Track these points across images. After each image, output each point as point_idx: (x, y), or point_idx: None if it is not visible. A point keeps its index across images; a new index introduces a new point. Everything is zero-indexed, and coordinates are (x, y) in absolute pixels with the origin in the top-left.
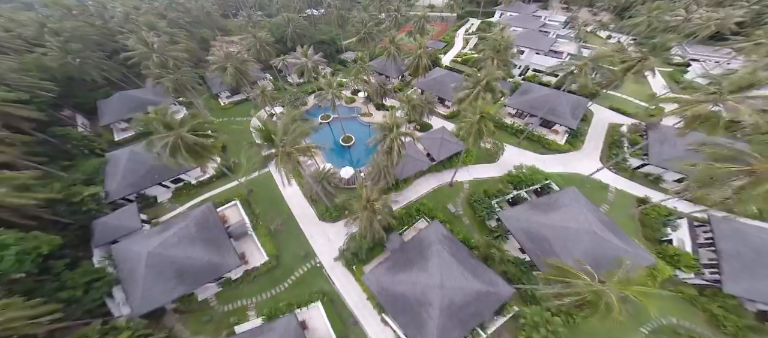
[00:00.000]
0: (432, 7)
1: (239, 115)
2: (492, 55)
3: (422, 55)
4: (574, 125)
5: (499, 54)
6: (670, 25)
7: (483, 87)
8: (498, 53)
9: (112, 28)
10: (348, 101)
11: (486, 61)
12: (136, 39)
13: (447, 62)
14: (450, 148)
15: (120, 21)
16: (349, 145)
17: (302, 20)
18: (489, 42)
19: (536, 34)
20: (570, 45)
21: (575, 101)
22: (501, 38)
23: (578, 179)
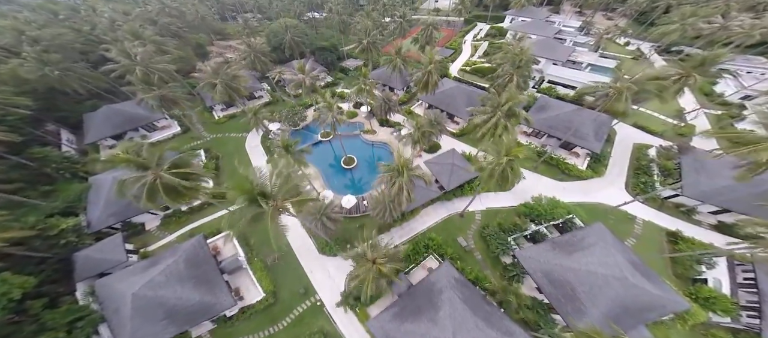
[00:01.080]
0: (437, 11)
1: (235, 129)
2: (512, 72)
3: (432, 72)
4: (597, 148)
5: (520, 70)
6: (703, 33)
7: (503, 113)
8: (518, 69)
9: (99, 36)
10: (349, 116)
11: (504, 77)
12: (118, 50)
13: (455, 72)
14: (461, 175)
15: (105, 28)
16: (350, 167)
17: (303, 25)
18: (508, 56)
19: (552, 42)
20: (589, 54)
21: (599, 120)
22: (520, 50)
23: (602, 210)
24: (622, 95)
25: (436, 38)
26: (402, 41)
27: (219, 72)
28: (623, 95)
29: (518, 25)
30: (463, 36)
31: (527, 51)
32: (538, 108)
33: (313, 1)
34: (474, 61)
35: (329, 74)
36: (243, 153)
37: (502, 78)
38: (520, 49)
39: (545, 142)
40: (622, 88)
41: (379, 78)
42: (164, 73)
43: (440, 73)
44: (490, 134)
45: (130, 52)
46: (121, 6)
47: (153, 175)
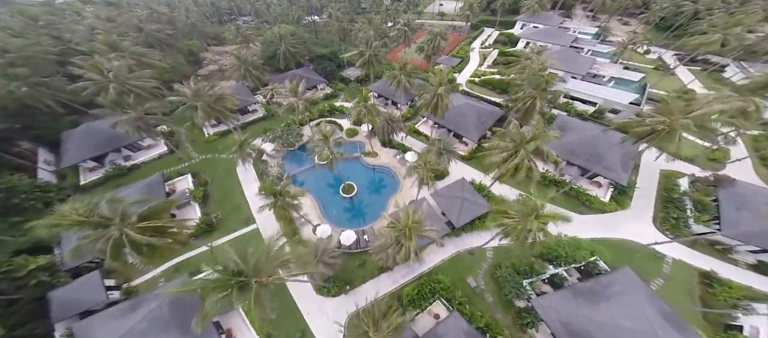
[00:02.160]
0: (442, 16)
1: (226, 148)
2: (534, 95)
3: (443, 96)
4: (624, 180)
5: (544, 93)
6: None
7: (528, 152)
8: (542, 92)
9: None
10: (349, 134)
11: (525, 101)
12: (88, 65)
13: (463, 83)
14: (472, 210)
15: (82, 37)
16: (350, 195)
17: (301, 30)
18: (526, 72)
19: (569, 52)
20: (611, 66)
21: (626, 145)
22: (539, 65)
23: (627, 248)
24: (676, 134)
25: (443, 47)
26: (405, 48)
27: (200, 94)
28: (677, 134)
29: (530, 33)
30: (470, 43)
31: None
32: (555, 129)
33: (312, 5)
34: (483, 72)
35: (328, 85)
36: (234, 177)
37: (523, 101)
38: (542, 65)
39: (564, 170)
40: (675, 124)
41: (381, 90)
42: (143, 90)
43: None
44: (511, 174)
45: (102, 68)
46: (105, 11)
47: (118, 231)
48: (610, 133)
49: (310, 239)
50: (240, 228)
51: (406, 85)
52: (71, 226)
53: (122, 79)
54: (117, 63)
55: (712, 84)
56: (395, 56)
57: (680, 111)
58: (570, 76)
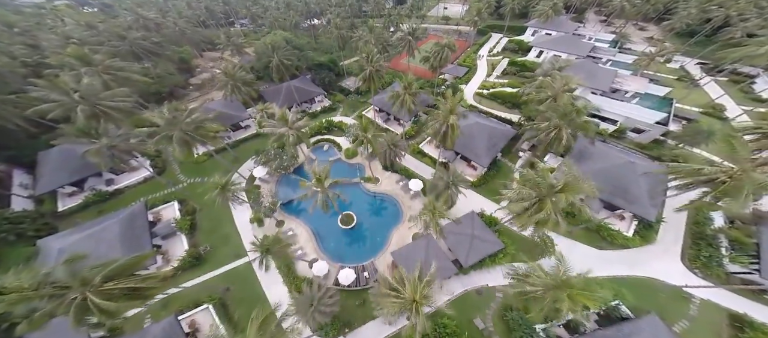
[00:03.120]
0: (446, 20)
1: (217, 170)
2: (559, 125)
3: (454, 126)
4: (653, 216)
5: (572, 122)
6: None
7: (554, 206)
8: (570, 122)
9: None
10: (348, 155)
11: (549, 131)
12: (49, 84)
13: (471, 97)
14: (483, 248)
15: (56, 47)
16: (350, 226)
17: (299, 38)
18: (544, 92)
19: (588, 64)
20: (635, 80)
21: (655, 175)
22: (563, 85)
23: (651, 287)
24: (744, 190)
25: (450, 58)
26: (409, 57)
27: (175, 122)
28: (745, 190)
29: (544, 41)
30: (478, 49)
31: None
32: (575, 155)
33: (311, 10)
34: (492, 83)
35: (327, 96)
36: (224, 204)
37: (546, 132)
38: (566, 85)
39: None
40: (745, 176)
41: (383, 104)
42: (118, 111)
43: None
44: (532, 222)
45: (66, 87)
46: (88, 16)
47: (79, 295)
48: (637, 161)
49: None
50: (231, 262)
51: (411, 107)
52: (16, 304)
53: (93, 100)
54: (87, 80)
55: (745, 99)
56: (398, 63)
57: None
58: (590, 92)
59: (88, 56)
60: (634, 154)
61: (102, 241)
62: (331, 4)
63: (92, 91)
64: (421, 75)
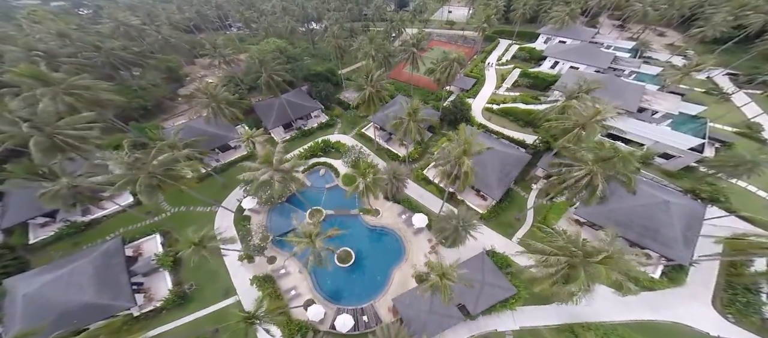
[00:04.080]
0: (451, 24)
1: (202, 201)
2: (593, 170)
3: (469, 173)
4: (687, 259)
5: (609, 168)
6: None
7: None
8: (606, 166)
9: None
10: (346, 182)
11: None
12: None
13: (479, 113)
14: (493, 294)
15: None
16: (347, 264)
17: (294, 46)
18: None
19: (613, 79)
20: (666, 98)
21: (689, 212)
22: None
23: (677, 333)
24: None
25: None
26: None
27: (138, 165)
28: None
29: (559, 51)
30: (486, 58)
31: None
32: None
33: (308, 14)
34: (503, 97)
35: (324, 111)
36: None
37: (577, 178)
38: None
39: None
40: None
41: (384, 121)
42: (82, 140)
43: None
44: (557, 292)
45: (7, 114)
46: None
47: None
48: (671, 200)
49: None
50: (219, 301)
51: (416, 137)
52: None
53: (49, 129)
54: (42, 104)
55: None
56: (400, 73)
57: None
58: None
59: (43, 75)
60: (668, 191)
61: (73, 285)
62: (329, 9)
63: (47, 117)
64: (425, 85)
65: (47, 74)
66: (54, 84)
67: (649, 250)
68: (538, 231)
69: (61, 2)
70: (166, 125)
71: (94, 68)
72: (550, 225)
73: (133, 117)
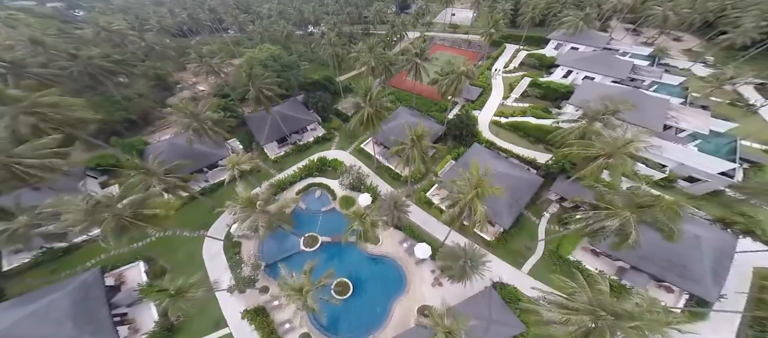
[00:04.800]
0: (455, 28)
1: (190, 222)
2: (629, 220)
3: (482, 220)
4: (715, 295)
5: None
6: None
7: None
8: (643, 214)
9: None
10: (344, 205)
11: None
12: None
13: (486, 127)
14: (501, 332)
15: None
16: (344, 296)
17: (289, 53)
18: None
19: (634, 93)
20: (695, 114)
21: (719, 244)
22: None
23: None
24: None
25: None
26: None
27: (99, 210)
28: None
29: (572, 59)
30: (492, 64)
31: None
32: None
33: (305, 18)
34: (511, 110)
35: (321, 123)
36: (199, 263)
37: (604, 224)
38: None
39: (627, 276)
40: None
41: (385, 139)
42: (43, 169)
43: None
44: None
45: None
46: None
47: None
48: (702, 235)
49: None
50: (209, 333)
51: (421, 168)
52: None
53: (3, 158)
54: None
55: None
56: (401, 80)
57: None
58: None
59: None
60: (696, 221)
61: (48, 321)
62: (327, 12)
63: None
64: (428, 95)
65: (2, 91)
66: (11, 102)
67: (672, 285)
68: (556, 280)
69: (57, 3)
70: (153, 139)
71: (71, 79)
72: (564, 256)
73: (118, 131)
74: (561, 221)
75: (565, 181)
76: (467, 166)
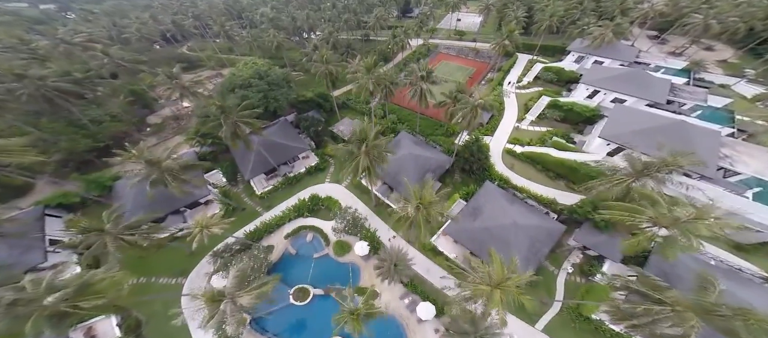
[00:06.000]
0: (461, 35)
1: (166, 268)
2: (694, 325)
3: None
4: None
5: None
6: None
7: None
8: (712, 321)
9: None
10: (338, 251)
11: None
12: None
13: (499, 158)
14: None
15: None
16: None
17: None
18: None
19: (680, 127)
20: (752, 153)
21: None
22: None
23: None
24: None
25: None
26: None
27: (10, 310)
28: None
29: (599, 78)
30: (503, 78)
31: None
32: (653, 271)
33: (298, 26)
34: (529, 138)
35: (314, 151)
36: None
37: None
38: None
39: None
40: None
41: (385, 175)
42: None
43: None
44: None
45: None
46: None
47: None
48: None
49: None
50: None
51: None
52: None
53: None
54: None
55: None
56: (403, 98)
57: None
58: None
59: None
60: (747, 280)
61: None
62: (323, 19)
63: None
64: (432, 115)
65: None
66: None
67: None
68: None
69: (49, 6)
70: (127, 171)
71: (21, 103)
72: (588, 315)
73: (87, 160)
74: (584, 272)
75: (592, 230)
76: (479, 212)
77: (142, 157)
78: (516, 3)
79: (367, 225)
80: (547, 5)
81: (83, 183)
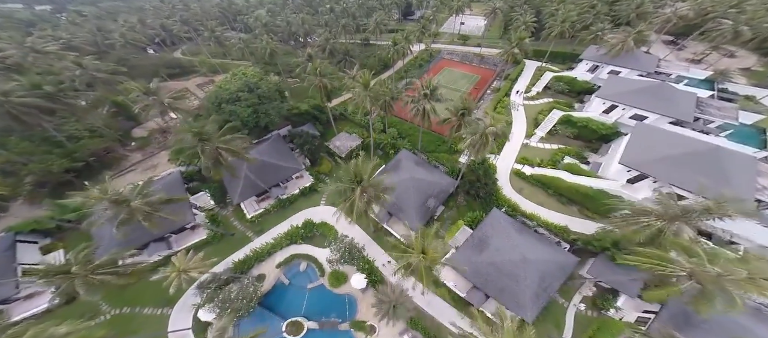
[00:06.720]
0: (464, 40)
1: (151, 299)
2: None
3: None
4: None
5: None
6: None
7: None
8: None
9: None
10: (333, 282)
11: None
12: None
13: (507, 181)
14: None
15: None
16: None
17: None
18: None
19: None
20: None
21: None
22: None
23: None
24: None
25: None
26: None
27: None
28: None
29: (618, 92)
30: (510, 88)
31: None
32: (674, 319)
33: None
34: (539, 158)
35: (308, 170)
36: None
37: None
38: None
39: None
40: None
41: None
42: None
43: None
44: None
45: None
46: None
47: None
48: None
49: None
50: None
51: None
52: None
53: None
54: None
55: None
56: (404, 110)
57: None
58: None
59: None
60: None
61: None
62: (319, 24)
63: None
64: (434, 129)
65: None
66: None
67: None
68: None
69: (45, 6)
70: (120, 183)
71: None
72: None
73: (67, 181)
74: (597, 305)
75: (609, 264)
76: (485, 244)
77: (105, 197)
78: (523, 6)
79: (365, 254)
80: (557, 9)
81: (57, 209)
